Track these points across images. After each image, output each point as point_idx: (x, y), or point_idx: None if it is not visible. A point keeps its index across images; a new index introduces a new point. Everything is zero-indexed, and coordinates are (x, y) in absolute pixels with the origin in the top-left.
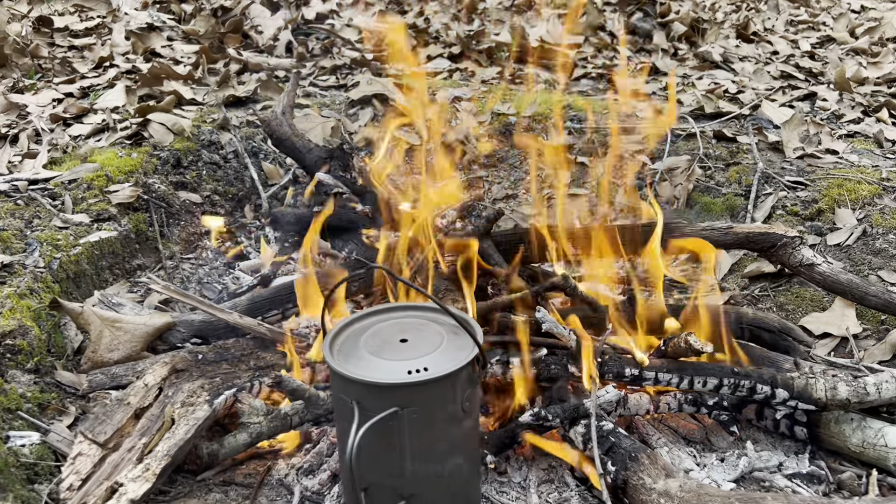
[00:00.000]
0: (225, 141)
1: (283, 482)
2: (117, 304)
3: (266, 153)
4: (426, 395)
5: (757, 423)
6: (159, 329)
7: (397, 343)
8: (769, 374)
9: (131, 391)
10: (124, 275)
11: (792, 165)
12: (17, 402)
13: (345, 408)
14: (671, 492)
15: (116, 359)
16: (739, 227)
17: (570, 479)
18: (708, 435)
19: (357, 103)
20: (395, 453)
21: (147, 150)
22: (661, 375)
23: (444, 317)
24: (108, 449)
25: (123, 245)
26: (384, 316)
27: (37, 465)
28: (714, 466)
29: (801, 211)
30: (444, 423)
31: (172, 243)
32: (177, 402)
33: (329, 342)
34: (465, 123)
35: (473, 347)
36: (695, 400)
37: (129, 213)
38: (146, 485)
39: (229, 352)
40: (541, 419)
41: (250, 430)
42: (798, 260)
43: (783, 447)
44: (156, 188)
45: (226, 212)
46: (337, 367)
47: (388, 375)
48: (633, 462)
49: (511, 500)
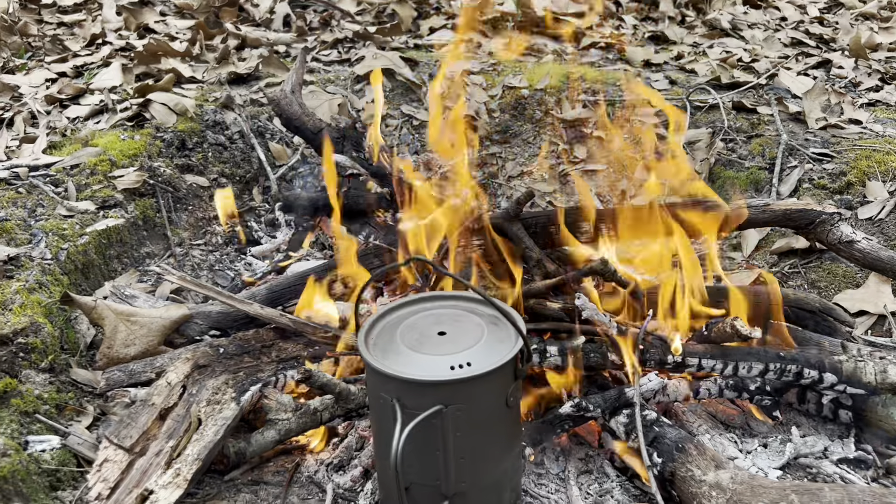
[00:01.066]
0: (230, 121)
1: (313, 479)
2: (130, 296)
3: (272, 133)
4: (471, 391)
5: (798, 407)
6: (176, 322)
7: (436, 336)
8: (816, 358)
9: (155, 391)
10: (133, 263)
11: (816, 137)
12: (34, 405)
13: (384, 406)
14: (723, 484)
15: (133, 354)
16: (777, 205)
17: (610, 469)
18: (748, 420)
19: (363, 78)
20: (438, 452)
21: (150, 132)
22: (705, 362)
23: (481, 307)
24: (135, 454)
25: (131, 232)
26: (418, 307)
27: (59, 472)
28: (758, 453)
29: (828, 184)
30: (488, 419)
31: (181, 229)
32: (202, 400)
33: (363, 336)
34: (477, 97)
35: (517, 341)
36: (736, 385)
37: (135, 199)
38: (178, 491)
39: (250, 343)
40: (582, 409)
41: (278, 426)
42: (836, 237)
43: (826, 431)
44: (161, 172)
45: (234, 195)
46: (376, 364)
47: (431, 372)
48: (681, 453)
49: (550, 493)
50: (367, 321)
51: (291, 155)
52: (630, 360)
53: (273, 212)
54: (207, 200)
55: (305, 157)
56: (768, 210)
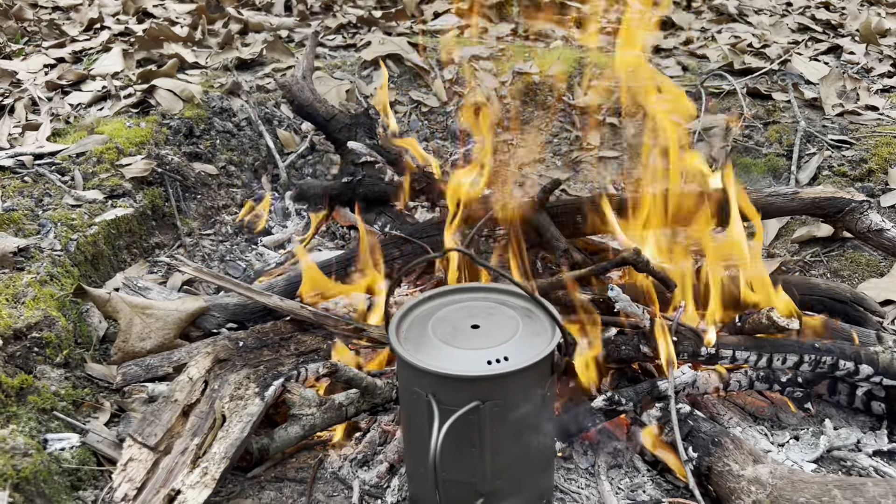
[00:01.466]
0: (237, 107)
1: (337, 476)
2: (144, 287)
3: (280, 120)
4: (509, 387)
5: (828, 399)
6: (192, 314)
7: (469, 330)
8: (852, 349)
9: (176, 386)
10: (142, 254)
11: (833, 123)
12: (51, 401)
13: (417, 401)
14: (762, 479)
15: (149, 348)
16: (805, 193)
17: (640, 463)
18: (777, 412)
19: (370, 64)
20: (474, 449)
21: (156, 119)
22: (739, 353)
23: (512, 299)
24: (160, 452)
25: (140, 222)
26: (447, 299)
27: (79, 471)
28: (790, 446)
29: (849, 171)
30: (526, 415)
31: (190, 219)
32: (224, 396)
33: (394, 329)
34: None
35: (554, 334)
36: (767, 377)
37: (143, 188)
38: (206, 491)
39: (268, 336)
40: (614, 403)
41: (302, 422)
42: (865, 225)
43: (857, 423)
44: (169, 160)
45: (242, 183)
46: (410, 359)
47: (467, 366)
48: (717, 447)
49: (580, 488)
50: (396, 314)
51: (300, 142)
52: (666, 353)
53: (283, 200)
54: (216, 189)
55: (314, 145)
56: (797, 198)
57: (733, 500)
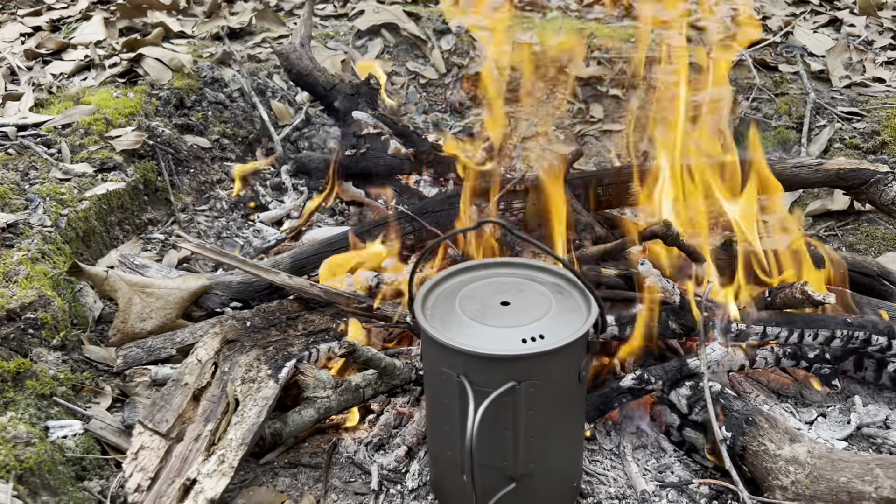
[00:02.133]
0: (228, 77)
1: (353, 460)
2: (142, 265)
3: (274, 91)
4: (546, 366)
5: (853, 375)
6: (195, 293)
7: (499, 307)
8: (884, 324)
9: (185, 369)
10: (135, 231)
11: (842, 95)
12: (50, 386)
13: (447, 383)
14: (800, 458)
15: (150, 329)
16: (829, 164)
17: (667, 443)
18: (801, 389)
19: (364, 34)
20: (507, 431)
21: (144, 90)
22: (770, 329)
23: (541, 274)
24: (172, 439)
25: (132, 197)
26: (472, 275)
27: (83, 460)
28: (819, 424)
29: (861, 144)
30: (562, 395)
31: (183, 194)
32: (236, 378)
33: (420, 307)
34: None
35: (590, 311)
36: (794, 353)
37: (134, 161)
38: (224, 480)
39: (275, 316)
40: (643, 382)
41: (317, 405)
42: (890, 197)
43: (884, 399)
44: (160, 132)
45: (236, 157)
46: (440, 338)
47: (501, 345)
48: (751, 426)
49: (606, 470)
50: (420, 291)
51: (294, 114)
52: (698, 329)
53: (279, 175)
54: (209, 163)
55: (310, 118)
56: (822, 169)
57: (770, 480)
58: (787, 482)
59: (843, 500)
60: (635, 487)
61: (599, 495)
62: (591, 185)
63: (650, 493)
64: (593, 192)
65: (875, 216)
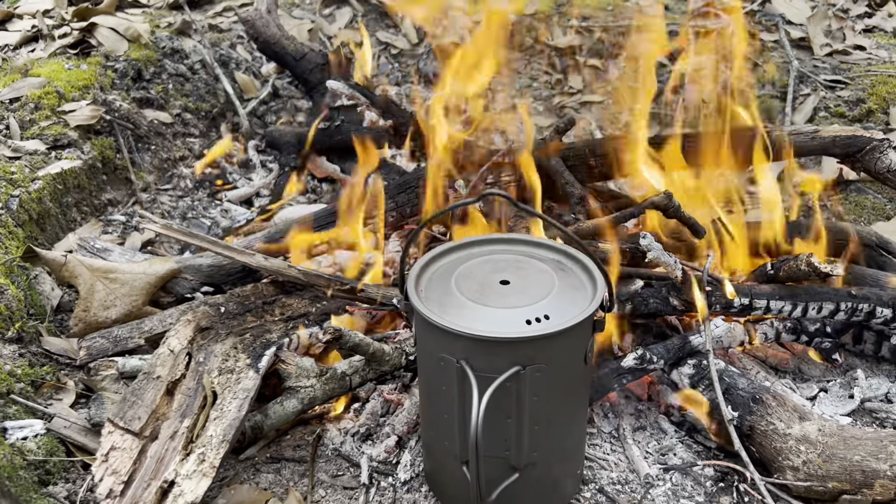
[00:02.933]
0: (189, 48)
1: (340, 452)
2: (103, 249)
3: (238, 62)
4: (553, 348)
5: (852, 348)
6: (163, 278)
7: (498, 286)
8: (888, 295)
9: (157, 361)
10: (93, 212)
11: (824, 63)
12: (6, 383)
13: (445, 369)
14: (811, 437)
15: (115, 317)
16: (826, 131)
17: (667, 424)
18: (799, 364)
19: (331, 2)
20: (510, 420)
21: (99, 61)
22: (773, 303)
23: (539, 250)
24: (146, 438)
25: (89, 177)
26: (466, 252)
27: (47, 463)
28: (821, 399)
29: (847, 112)
30: (568, 379)
31: (145, 172)
32: (212, 369)
33: (413, 288)
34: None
35: (595, 288)
36: (794, 328)
37: (90, 138)
38: (205, 480)
39: (250, 300)
40: (645, 361)
41: (300, 395)
42: (885, 165)
43: (882, 372)
44: (117, 106)
45: (200, 132)
46: (438, 321)
47: (504, 328)
48: (758, 404)
49: (607, 454)
50: (412, 271)
51: (260, 87)
52: (701, 305)
53: (246, 151)
54: (171, 139)
55: (277, 90)
56: (818, 137)
57: (780, 461)
58: (799, 462)
59: (858, 479)
60: (638, 472)
61: (601, 481)
62: (583, 156)
63: (654, 477)
64: (586, 164)
65: (864, 185)
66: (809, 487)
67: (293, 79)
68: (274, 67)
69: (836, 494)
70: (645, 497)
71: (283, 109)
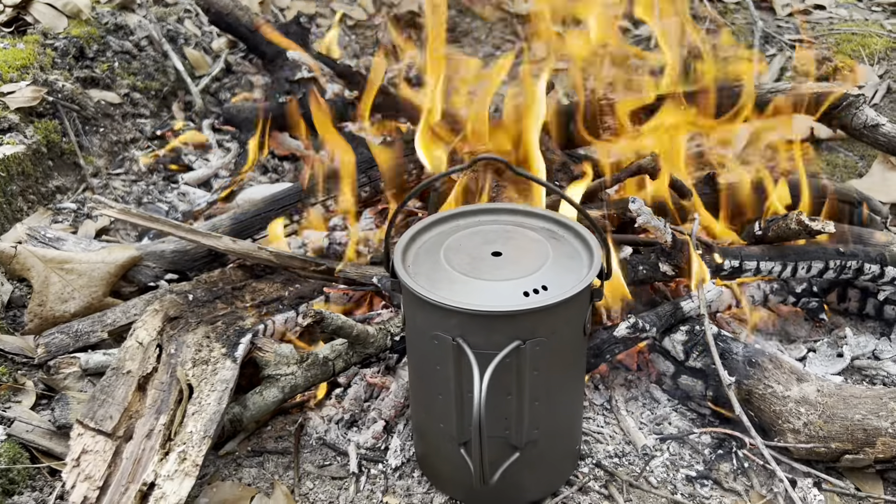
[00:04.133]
0: (133, 24)
1: (325, 441)
2: (56, 238)
3: (186, 38)
4: (553, 320)
5: (836, 307)
6: (123, 266)
7: (490, 258)
8: (875, 251)
9: (125, 355)
10: (41, 200)
11: (787, 24)
12: None
13: (440, 348)
14: (810, 398)
15: (73, 311)
16: (802, 87)
17: (659, 393)
18: (784, 326)
19: None
20: (510, 397)
21: (36, 39)
22: (763, 264)
23: (529, 219)
24: (119, 438)
25: (34, 162)
26: (452, 224)
27: (10, 472)
28: (810, 360)
29: (813, 71)
30: (568, 352)
31: (94, 156)
32: (185, 361)
33: (400, 264)
34: None
35: (592, 256)
36: (781, 289)
37: (33, 121)
38: (188, 480)
39: (218, 287)
40: (638, 330)
41: (281, 383)
42: (861, 121)
43: (867, 329)
44: (60, 87)
45: (150, 112)
46: (431, 297)
47: (502, 301)
48: (755, 368)
49: (601, 427)
50: (396, 247)
51: (212, 63)
52: (696, 269)
53: (201, 130)
54: (121, 120)
55: (230, 66)
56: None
57: (780, 424)
58: (800, 424)
59: (860, 438)
60: (635, 443)
61: (598, 455)
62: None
63: (651, 448)
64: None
65: (835, 144)
66: (811, 449)
67: (246, 53)
68: (225, 42)
69: (837, 455)
70: (646, 469)
71: (237, 86)
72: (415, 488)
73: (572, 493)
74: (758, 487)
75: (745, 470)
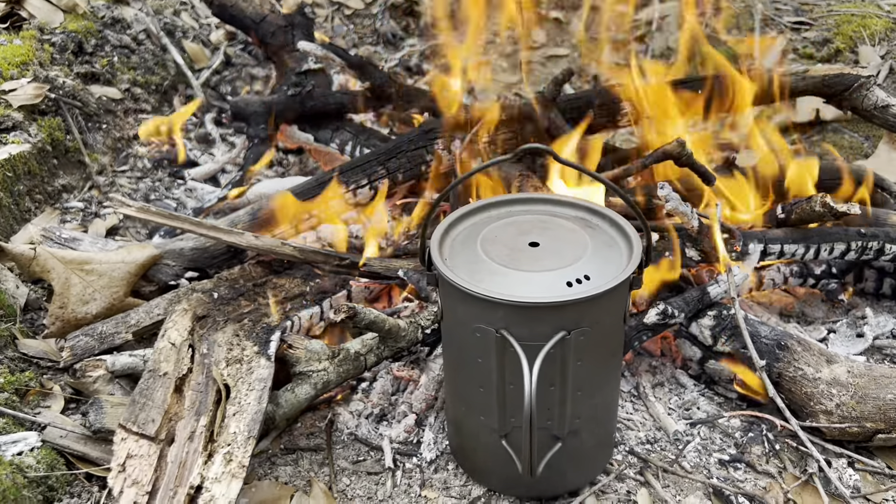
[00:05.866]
0: (130, 17)
1: (357, 436)
2: (72, 239)
3: (185, 31)
4: (597, 310)
5: (853, 287)
6: (143, 265)
7: (528, 248)
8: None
9: (160, 357)
10: (47, 200)
11: (786, 5)
12: None
13: (483, 340)
14: (841, 379)
15: (95, 312)
16: (815, 70)
17: (686, 378)
18: (803, 308)
19: None
20: (553, 388)
21: (33, 35)
22: (787, 247)
23: (560, 208)
24: (162, 441)
25: (40, 161)
26: (484, 215)
27: (49, 479)
28: (831, 340)
29: (815, 53)
30: (609, 341)
31: (98, 153)
32: (219, 360)
33: (437, 257)
34: None
35: (631, 245)
36: (801, 271)
37: (36, 119)
38: (236, 482)
39: (239, 283)
40: (667, 316)
41: (313, 379)
42: (872, 102)
43: (884, 309)
44: (61, 84)
45: (152, 107)
46: (473, 289)
47: (545, 292)
48: (784, 351)
49: (630, 414)
50: (432, 238)
51: (212, 56)
52: (722, 254)
53: (203, 125)
54: (123, 116)
55: (230, 58)
56: (808, 77)
57: (812, 405)
58: (832, 405)
59: (893, 418)
60: (666, 429)
61: (630, 442)
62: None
63: (682, 433)
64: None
65: (840, 125)
66: (844, 430)
67: (246, 45)
68: (224, 34)
69: (870, 434)
70: (681, 455)
71: (237, 78)
72: (452, 481)
73: (609, 481)
74: (791, 469)
75: (776, 452)
